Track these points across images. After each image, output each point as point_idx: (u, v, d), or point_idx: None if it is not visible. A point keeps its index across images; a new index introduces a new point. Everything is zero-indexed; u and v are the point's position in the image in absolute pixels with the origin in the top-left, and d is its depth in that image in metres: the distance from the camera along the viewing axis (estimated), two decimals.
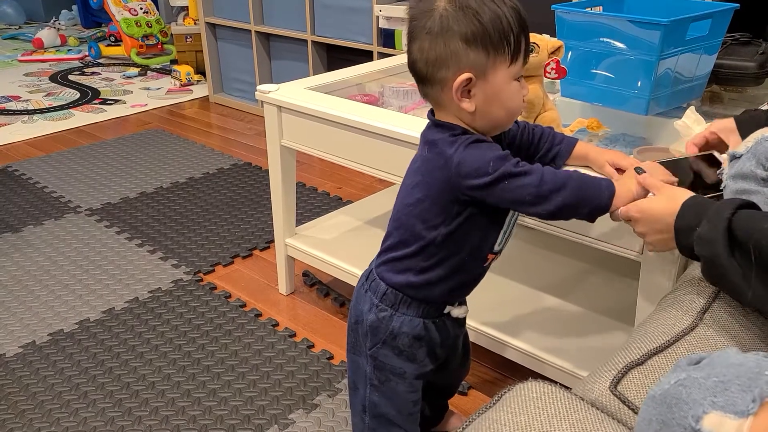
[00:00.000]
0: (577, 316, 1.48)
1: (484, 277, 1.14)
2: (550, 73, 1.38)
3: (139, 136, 3.19)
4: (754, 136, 0.96)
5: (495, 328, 1.43)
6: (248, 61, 3.36)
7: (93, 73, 4.28)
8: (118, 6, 4.39)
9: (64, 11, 5.75)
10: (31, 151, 3.02)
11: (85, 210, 2.44)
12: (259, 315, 1.83)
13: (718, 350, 0.65)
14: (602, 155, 1.12)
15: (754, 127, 1.07)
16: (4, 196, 2.56)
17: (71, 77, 4.19)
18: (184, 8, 4.05)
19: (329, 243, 1.81)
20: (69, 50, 4.82)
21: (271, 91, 1.65)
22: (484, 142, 0.99)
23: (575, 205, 0.99)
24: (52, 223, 2.35)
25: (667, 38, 1.35)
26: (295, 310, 1.86)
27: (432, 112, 1.04)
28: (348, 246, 1.79)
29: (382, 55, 2.67)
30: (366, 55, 2.75)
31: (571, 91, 1.55)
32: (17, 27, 5.72)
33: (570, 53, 1.49)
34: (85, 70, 4.34)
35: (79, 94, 3.82)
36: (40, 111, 3.55)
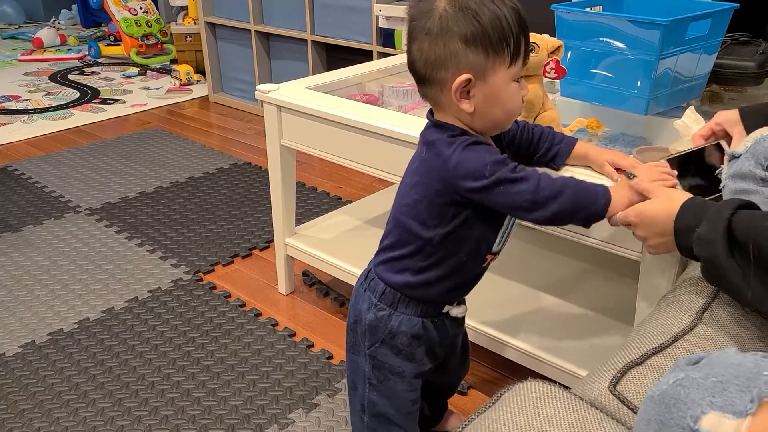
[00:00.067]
0: (576, 315, 1.48)
1: (483, 277, 1.14)
2: (550, 73, 1.38)
3: (139, 135, 3.19)
4: (753, 136, 0.97)
5: (494, 327, 1.43)
6: (248, 60, 3.36)
7: (93, 73, 4.27)
8: (117, 5, 4.39)
9: (63, 11, 5.75)
10: (30, 151, 3.02)
11: (85, 210, 2.44)
12: (259, 315, 1.83)
13: (717, 350, 0.65)
14: (602, 155, 1.13)
15: (760, 118, 1.07)
16: (4, 196, 2.56)
17: (71, 77, 4.19)
18: (184, 8, 4.05)
19: (329, 243, 1.81)
20: (69, 50, 4.82)
21: (270, 91, 1.65)
22: (482, 145, 0.99)
23: (571, 212, 0.99)
24: (51, 223, 2.35)
25: (667, 38, 1.35)
26: (295, 309, 1.86)
27: (431, 113, 1.04)
28: (348, 246, 1.79)
29: (382, 55, 2.67)
30: (366, 55, 2.75)
31: (571, 91, 1.55)
32: (17, 26, 5.72)
33: (569, 53, 1.49)
34: (85, 70, 4.34)
35: (78, 94, 3.82)
36: (40, 110, 3.55)
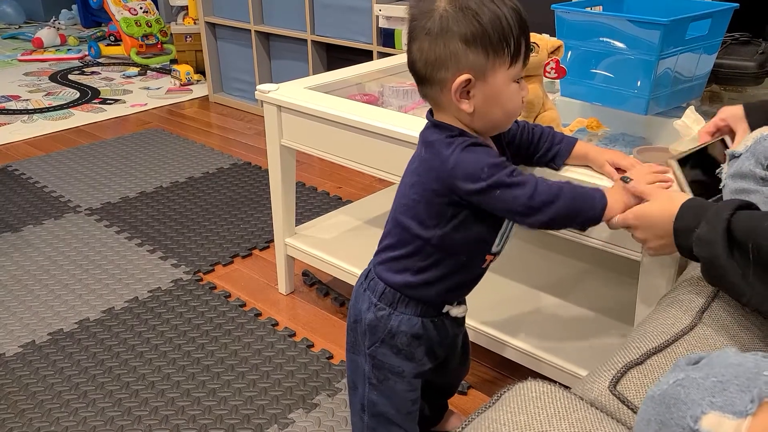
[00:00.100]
0: (576, 315, 1.48)
1: (483, 277, 1.14)
2: (550, 73, 1.38)
3: (139, 135, 3.19)
4: (753, 135, 0.97)
5: (494, 327, 1.43)
6: (248, 60, 3.36)
7: (93, 73, 4.27)
8: (117, 5, 4.39)
9: (63, 11, 5.75)
10: (30, 151, 3.02)
11: (85, 210, 2.44)
12: (259, 314, 1.83)
13: (717, 350, 0.65)
14: (602, 155, 1.13)
15: (763, 115, 1.07)
16: (4, 196, 2.56)
17: (71, 77, 4.19)
18: (184, 8, 4.05)
19: (329, 243, 1.81)
20: (69, 50, 4.82)
21: (270, 91, 1.65)
22: (481, 146, 0.99)
23: (568, 217, 0.99)
24: (51, 223, 2.35)
25: (667, 38, 1.35)
26: (295, 309, 1.86)
27: (431, 113, 1.04)
28: (348, 246, 1.79)
29: (382, 55, 2.67)
30: (366, 55, 2.75)
31: (571, 91, 1.55)
32: (17, 26, 5.72)
33: (570, 53, 1.49)
34: (85, 70, 4.34)
35: (78, 94, 3.82)
36: (40, 110, 3.55)
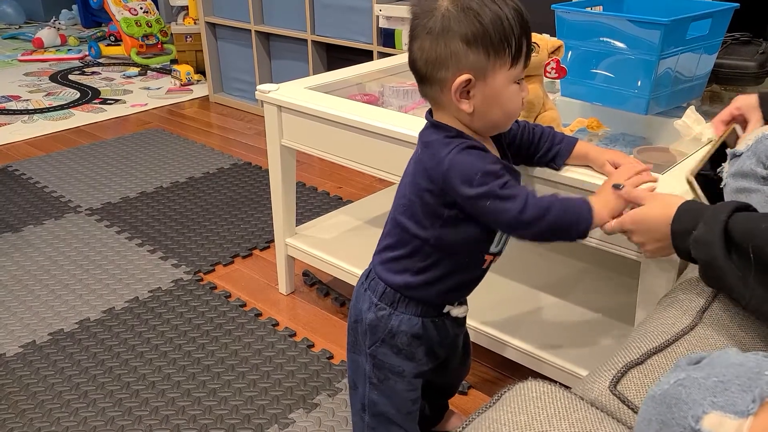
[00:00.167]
0: (576, 315, 1.48)
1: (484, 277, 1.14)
2: (550, 73, 1.38)
3: (139, 135, 3.19)
4: (754, 134, 0.97)
5: (495, 327, 1.43)
6: (248, 60, 3.36)
7: (93, 73, 4.28)
8: (118, 6, 4.39)
9: (64, 11, 5.75)
10: (31, 151, 3.02)
11: (85, 210, 2.44)
12: (259, 315, 1.83)
13: (718, 350, 0.65)
14: (602, 154, 1.13)
15: None
16: (4, 196, 2.56)
17: (71, 77, 4.19)
18: (184, 8, 4.05)
19: (329, 243, 1.81)
20: (69, 50, 4.82)
21: (271, 91, 1.64)
22: (479, 150, 0.98)
23: (555, 233, 1.00)
24: (52, 223, 2.35)
25: (667, 38, 1.35)
26: (295, 309, 1.86)
27: (430, 112, 1.04)
28: (348, 246, 1.79)
29: (382, 55, 2.67)
30: (366, 55, 2.75)
31: (571, 91, 1.55)
32: (17, 27, 5.72)
33: (570, 53, 1.49)
34: (85, 70, 4.34)
35: (79, 94, 3.82)
36: (40, 111, 3.55)
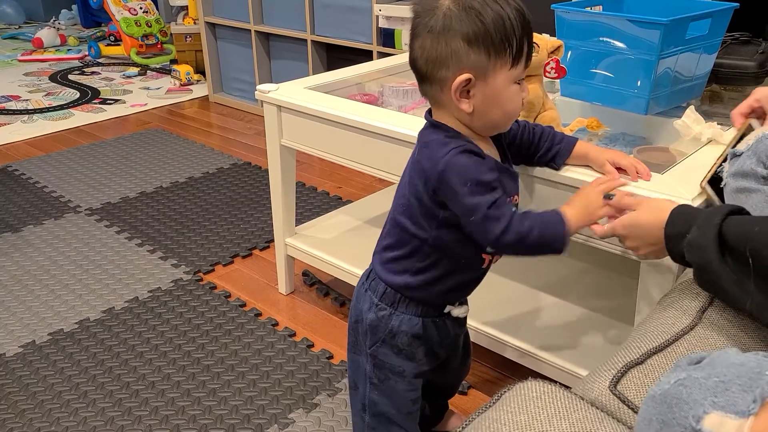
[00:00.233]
0: (576, 315, 1.48)
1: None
2: (550, 73, 1.38)
3: (139, 135, 3.19)
4: (755, 134, 0.97)
5: (495, 327, 1.43)
6: (248, 60, 3.36)
7: (93, 73, 4.27)
8: (117, 5, 4.39)
9: (63, 11, 5.75)
10: (30, 151, 3.02)
11: (85, 210, 2.44)
12: (259, 314, 1.83)
13: (719, 350, 0.65)
14: (602, 154, 1.13)
15: None
16: (4, 196, 2.56)
17: (71, 77, 4.19)
18: (184, 8, 4.05)
19: (329, 243, 1.81)
20: (69, 50, 4.82)
21: (270, 91, 1.64)
22: (475, 155, 0.97)
23: (531, 253, 1.02)
24: (52, 223, 2.35)
25: (667, 38, 1.35)
26: (295, 309, 1.86)
27: (429, 112, 1.04)
28: (348, 246, 1.79)
29: (382, 55, 2.67)
30: (366, 55, 2.75)
31: (571, 91, 1.55)
32: (17, 27, 5.72)
33: (570, 53, 1.49)
34: (85, 70, 4.34)
35: (78, 94, 3.82)
36: (40, 111, 3.55)
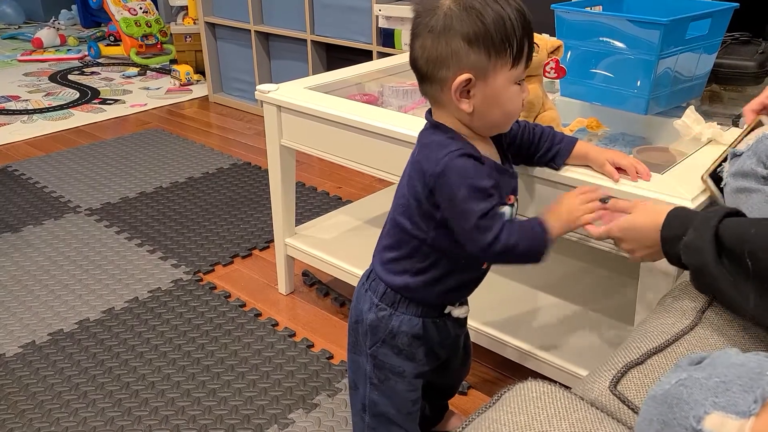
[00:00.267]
0: (576, 315, 1.48)
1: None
2: (550, 73, 1.38)
3: (139, 135, 3.19)
4: (755, 134, 0.97)
5: (495, 327, 1.43)
6: (248, 60, 3.36)
7: (92, 73, 4.27)
8: (117, 6, 4.39)
9: (63, 11, 5.75)
10: (30, 151, 3.02)
11: (85, 210, 2.44)
12: (259, 315, 1.82)
13: (719, 350, 0.65)
14: (602, 154, 1.13)
15: None
16: (4, 196, 2.56)
17: (71, 77, 4.19)
18: (184, 8, 4.04)
19: (329, 243, 1.81)
20: (68, 50, 4.82)
21: (270, 91, 1.64)
22: (474, 160, 0.97)
23: (512, 263, 1.04)
24: (51, 223, 2.35)
25: (667, 38, 1.35)
26: (295, 309, 1.86)
27: (430, 112, 1.04)
28: (348, 246, 1.79)
29: (382, 55, 2.67)
30: (365, 55, 2.75)
31: (571, 91, 1.55)
32: (17, 27, 5.72)
33: (569, 53, 1.49)
34: (85, 70, 4.34)
35: (78, 94, 3.82)
36: (40, 111, 3.55)
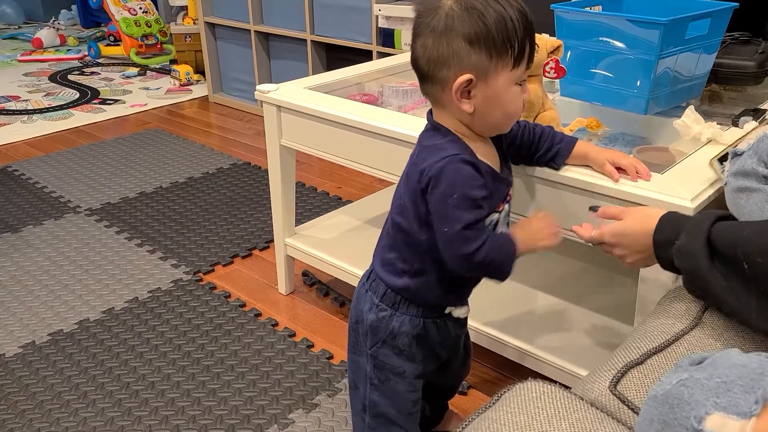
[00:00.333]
0: (576, 315, 1.48)
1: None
2: (550, 73, 1.38)
3: (139, 135, 3.19)
4: (756, 133, 0.96)
5: (495, 327, 1.43)
6: (247, 60, 3.36)
7: (92, 73, 4.27)
8: (117, 6, 4.39)
9: (63, 11, 5.74)
10: (30, 151, 3.02)
11: (85, 210, 2.44)
12: (259, 315, 1.82)
13: (720, 350, 0.65)
14: (602, 154, 1.13)
15: None
16: (4, 196, 2.56)
17: (71, 77, 4.19)
18: (184, 8, 4.04)
19: (329, 243, 1.81)
20: (68, 50, 4.82)
21: (270, 91, 1.64)
22: (471, 167, 0.96)
23: (481, 275, 1.06)
24: (51, 223, 2.34)
25: (667, 37, 1.35)
26: (295, 309, 1.86)
27: (430, 112, 1.04)
28: (347, 246, 1.79)
29: (382, 55, 2.67)
30: (365, 55, 2.75)
31: (571, 91, 1.55)
32: (16, 27, 5.71)
33: (569, 52, 1.49)
34: (85, 70, 4.34)
35: (78, 94, 3.82)
36: (40, 111, 3.55)
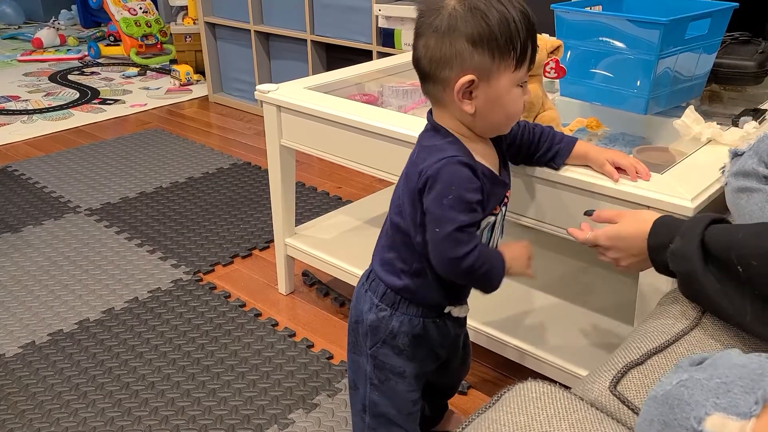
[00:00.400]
0: (576, 315, 1.48)
1: None
2: (550, 73, 1.38)
3: (139, 135, 3.19)
4: (756, 134, 0.97)
5: (495, 327, 1.43)
6: (248, 60, 3.36)
7: (92, 73, 4.27)
8: (117, 6, 4.38)
9: (63, 11, 5.74)
10: (30, 151, 3.02)
11: (85, 210, 2.44)
12: (259, 315, 1.82)
13: (720, 351, 0.65)
14: (602, 154, 1.13)
15: None
16: (4, 196, 2.56)
17: (71, 77, 4.19)
18: (184, 8, 4.04)
19: (329, 243, 1.81)
20: (68, 50, 4.82)
21: (270, 91, 1.64)
22: (469, 169, 0.97)
23: (468, 282, 1.07)
24: (51, 223, 2.34)
25: (667, 37, 1.35)
26: (295, 309, 1.86)
27: (431, 113, 1.04)
28: (347, 246, 1.79)
29: (382, 55, 2.67)
30: (365, 55, 2.75)
31: (571, 91, 1.55)
32: (16, 27, 5.71)
33: (569, 52, 1.49)
34: (85, 70, 4.34)
35: (78, 94, 3.82)
36: (40, 111, 3.55)
